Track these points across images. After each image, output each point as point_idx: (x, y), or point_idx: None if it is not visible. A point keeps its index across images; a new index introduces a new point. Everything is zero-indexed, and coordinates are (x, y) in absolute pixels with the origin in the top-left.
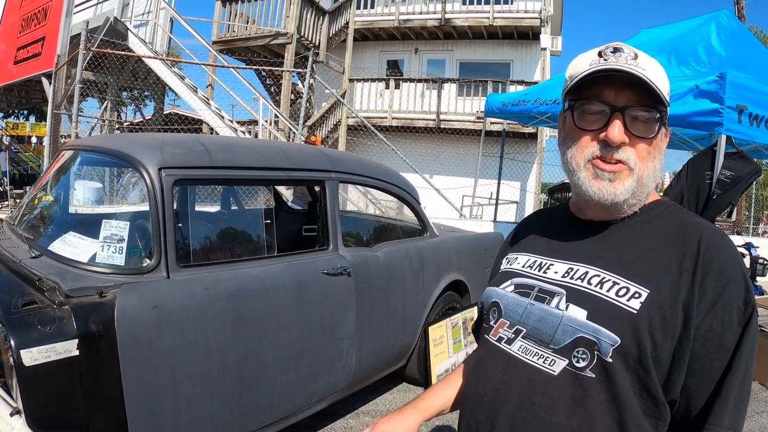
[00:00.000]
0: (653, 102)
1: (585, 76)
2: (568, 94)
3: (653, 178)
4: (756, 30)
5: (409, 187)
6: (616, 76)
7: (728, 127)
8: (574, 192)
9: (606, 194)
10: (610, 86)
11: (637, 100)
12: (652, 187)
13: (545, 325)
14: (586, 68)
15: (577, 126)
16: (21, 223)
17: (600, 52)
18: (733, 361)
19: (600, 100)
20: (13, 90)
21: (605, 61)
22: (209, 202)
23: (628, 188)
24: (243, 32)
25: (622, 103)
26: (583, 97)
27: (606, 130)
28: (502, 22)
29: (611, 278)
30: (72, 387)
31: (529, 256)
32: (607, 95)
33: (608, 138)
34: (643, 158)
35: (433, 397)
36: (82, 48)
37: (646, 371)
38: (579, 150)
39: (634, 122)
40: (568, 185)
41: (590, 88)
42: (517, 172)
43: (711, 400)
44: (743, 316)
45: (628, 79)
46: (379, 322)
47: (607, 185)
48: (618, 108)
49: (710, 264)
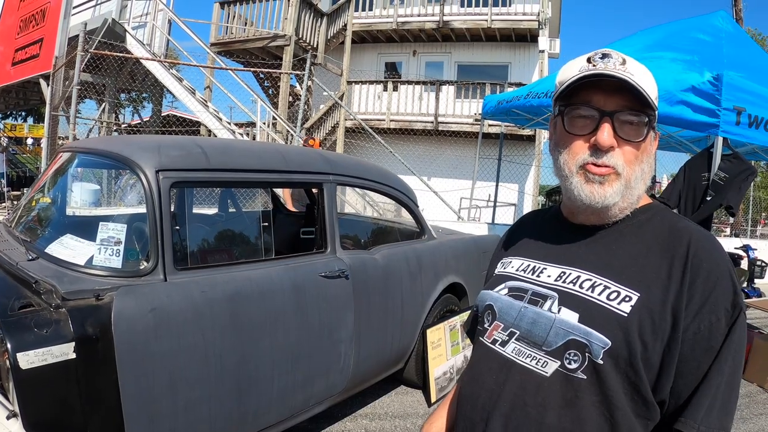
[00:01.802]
0: (642, 106)
1: (574, 81)
2: (558, 100)
3: (642, 181)
4: (754, 32)
5: (406, 189)
6: (604, 82)
7: (725, 129)
8: (566, 197)
9: (597, 197)
10: (600, 92)
11: (626, 105)
12: (641, 189)
13: (538, 327)
14: (575, 74)
15: (567, 131)
16: (18, 225)
17: (589, 58)
18: (719, 360)
19: (589, 106)
20: (11, 91)
21: (594, 66)
22: (207, 205)
23: (617, 191)
24: (241, 34)
25: (611, 108)
26: (572, 103)
27: (595, 135)
28: (500, 25)
29: (602, 282)
30: (69, 390)
31: (523, 260)
32: (596, 100)
33: (597, 142)
34: (631, 162)
35: (443, 420)
36: (80, 49)
37: (636, 373)
38: (571, 156)
39: (623, 126)
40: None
41: (580, 94)
42: (514, 175)
43: (698, 399)
44: (730, 318)
45: (617, 84)
46: (377, 325)
47: (598, 188)
48: (607, 112)
49: (699, 267)
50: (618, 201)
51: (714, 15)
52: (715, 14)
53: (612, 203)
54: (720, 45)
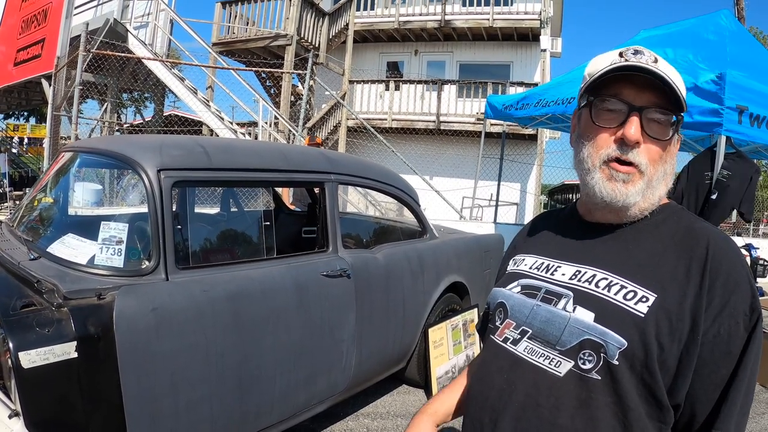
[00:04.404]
0: (671, 106)
1: (606, 72)
2: (586, 92)
3: (664, 182)
4: (756, 31)
5: (408, 188)
6: (636, 77)
7: (728, 127)
8: (584, 193)
9: (618, 195)
10: (630, 86)
11: (656, 102)
12: (662, 191)
13: (551, 326)
14: (607, 65)
15: (594, 122)
16: (20, 224)
17: (621, 52)
18: (739, 367)
19: (619, 99)
20: (13, 91)
21: (626, 60)
22: (208, 204)
23: (639, 190)
24: (243, 34)
25: (641, 103)
26: (602, 95)
27: (623, 128)
28: (502, 24)
29: (619, 281)
30: (70, 389)
31: (536, 258)
32: (627, 94)
33: (625, 136)
34: (654, 161)
35: (439, 402)
36: (82, 49)
37: (652, 375)
38: (595, 149)
39: (650, 124)
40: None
41: (610, 87)
42: (517, 174)
43: (718, 406)
44: (749, 322)
45: (649, 81)
46: (379, 324)
47: (621, 186)
48: (636, 107)
49: (718, 270)
50: (639, 201)
51: (718, 14)
52: (719, 13)
53: (633, 203)
54: (723, 44)
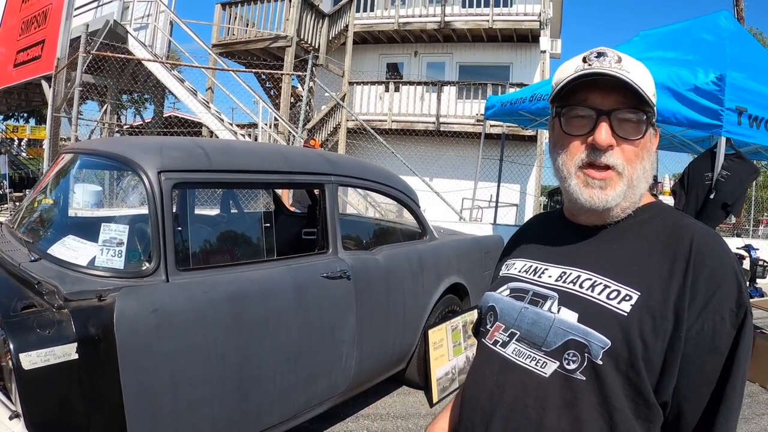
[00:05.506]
0: (639, 104)
1: (569, 81)
2: (555, 101)
3: (644, 180)
4: (755, 32)
5: (408, 189)
6: (601, 81)
7: (728, 128)
8: (566, 198)
9: (597, 201)
10: (596, 91)
11: (624, 103)
12: (643, 188)
13: (538, 327)
14: (570, 74)
15: (564, 132)
16: (20, 226)
17: (584, 57)
18: (733, 366)
19: (586, 105)
20: (13, 93)
21: (589, 66)
22: (209, 206)
23: (620, 193)
24: (243, 35)
25: (608, 106)
26: (569, 103)
27: (593, 134)
28: (502, 25)
29: (603, 281)
30: (71, 390)
31: (525, 261)
32: (593, 99)
33: (595, 141)
34: (631, 161)
35: (444, 422)
36: (82, 51)
37: (637, 374)
38: (569, 157)
39: (622, 124)
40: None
41: (576, 94)
42: (516, 175)
43: (714, 406)
44: (736, 319)
45: (613, 83)
46: (379, 325)
47: (598, 193)
48: (604, 111)
49: (702, 265)
50: (620, 202)
51: (717, 15)
52: (719, 14)
53: (614, 204)
54: (723, 45)
